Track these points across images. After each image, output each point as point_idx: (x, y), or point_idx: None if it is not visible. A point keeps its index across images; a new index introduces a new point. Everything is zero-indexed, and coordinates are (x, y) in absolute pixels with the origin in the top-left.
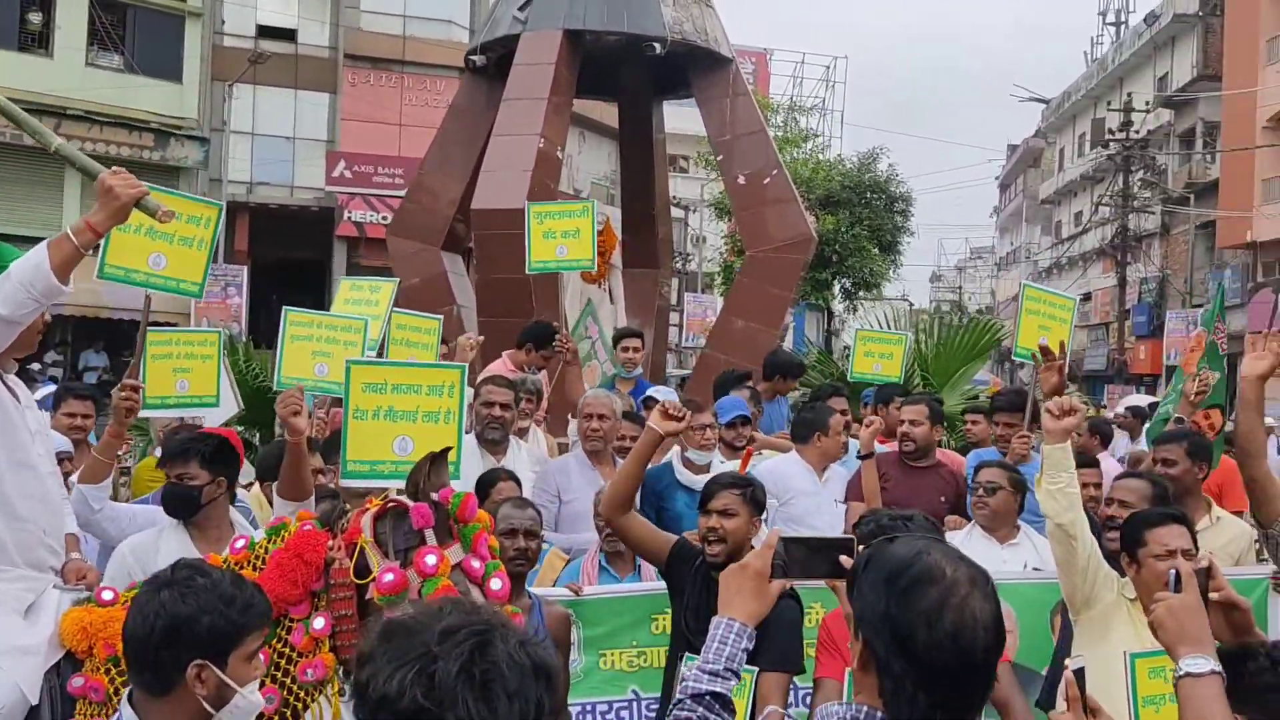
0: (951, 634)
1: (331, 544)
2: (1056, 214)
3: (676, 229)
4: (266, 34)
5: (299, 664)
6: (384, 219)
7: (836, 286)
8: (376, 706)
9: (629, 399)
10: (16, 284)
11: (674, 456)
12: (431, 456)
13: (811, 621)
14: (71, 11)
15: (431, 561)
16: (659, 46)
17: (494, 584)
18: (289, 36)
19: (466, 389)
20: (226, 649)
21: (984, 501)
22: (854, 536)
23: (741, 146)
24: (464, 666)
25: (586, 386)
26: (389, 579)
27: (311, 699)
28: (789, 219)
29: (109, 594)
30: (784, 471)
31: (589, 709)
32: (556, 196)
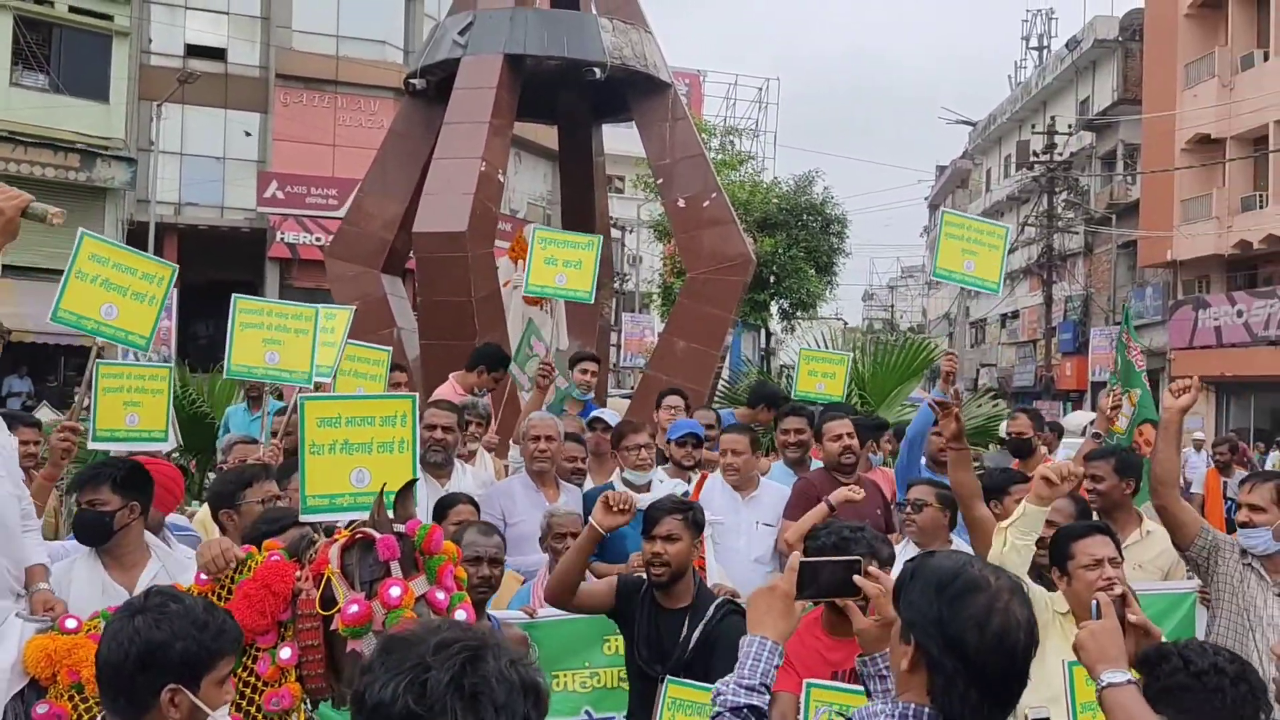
0: (998, 635)
1: (299, 574)
2: None
3: (613, 249)
4: (195, 53)
5: (265, 693)
6: (317, 240)
7: (774, 307)
8: (371, 713)
9: (579, 420)
10: None
11: (615, 477)
12: (399, 489)
13: None
14: None
15: (395, 593)
16: (599, 71)
17: (459, 615)
18: (219, 56)
19: None
20: (199, 674)
21: (911, 519)
22: (860, 558)
23: (681, 170)
24: (454, 678)
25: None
26: (353, 610)
27: None
28: (728, 241)
29: (72, 622)
30: (705, 491)
31: None
32: (497, 220)
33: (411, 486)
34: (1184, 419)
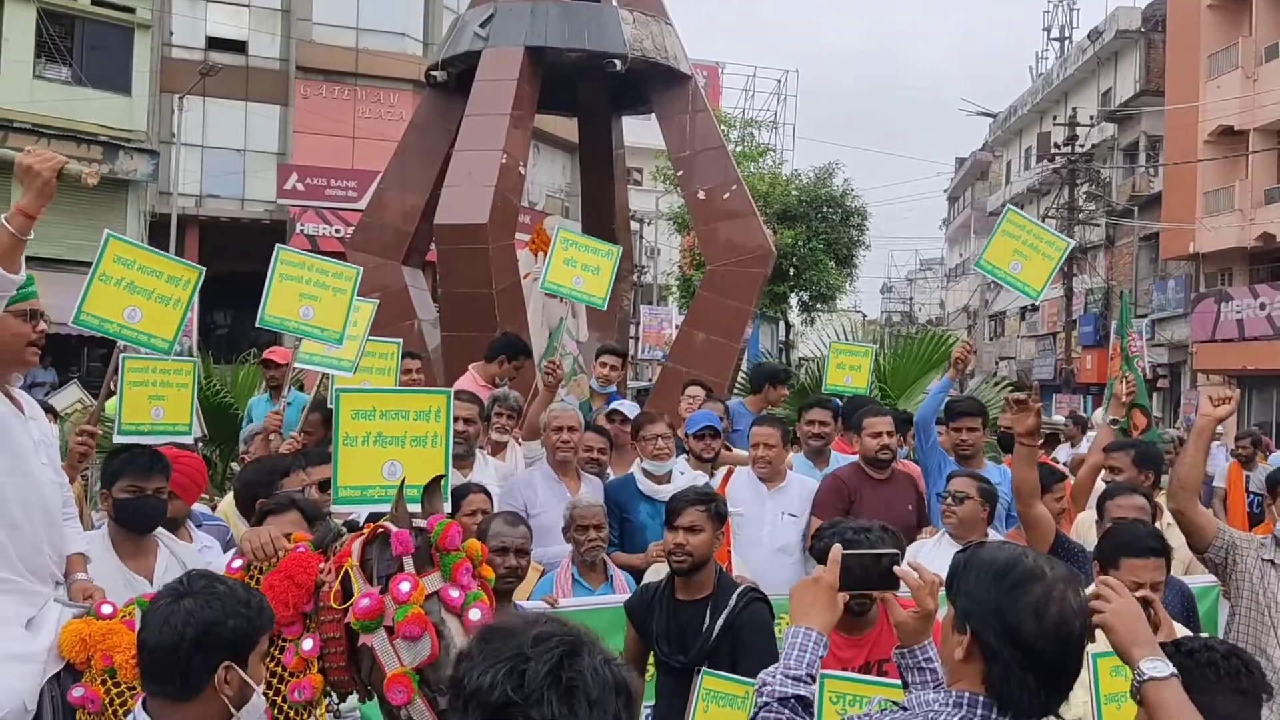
0: (1056, 623)
1: (323, 567)
2: None
3: (632, 241)
4: (216, 46)
5: (289, 684)
6: (337, 232)
7: (794, 299)
8: (469, 699)
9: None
10: None
11: (635, 468)
12: (427, 484)
13: (779, 630)
14: (18, 23)
15: (405, 588)
16: (619, 63)
17: (473, 614)
18: (239, 48)
19: None
20: (246, 650)
21: (952, 510)
22: (898, 551)
23: (701, 162)
24: (552, 669)
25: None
26: (364, 604)
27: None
28: (748, 233)
29: (108, 608)
30: (731, 483)
31: None
32: (518, 212)
33: (439, 482)
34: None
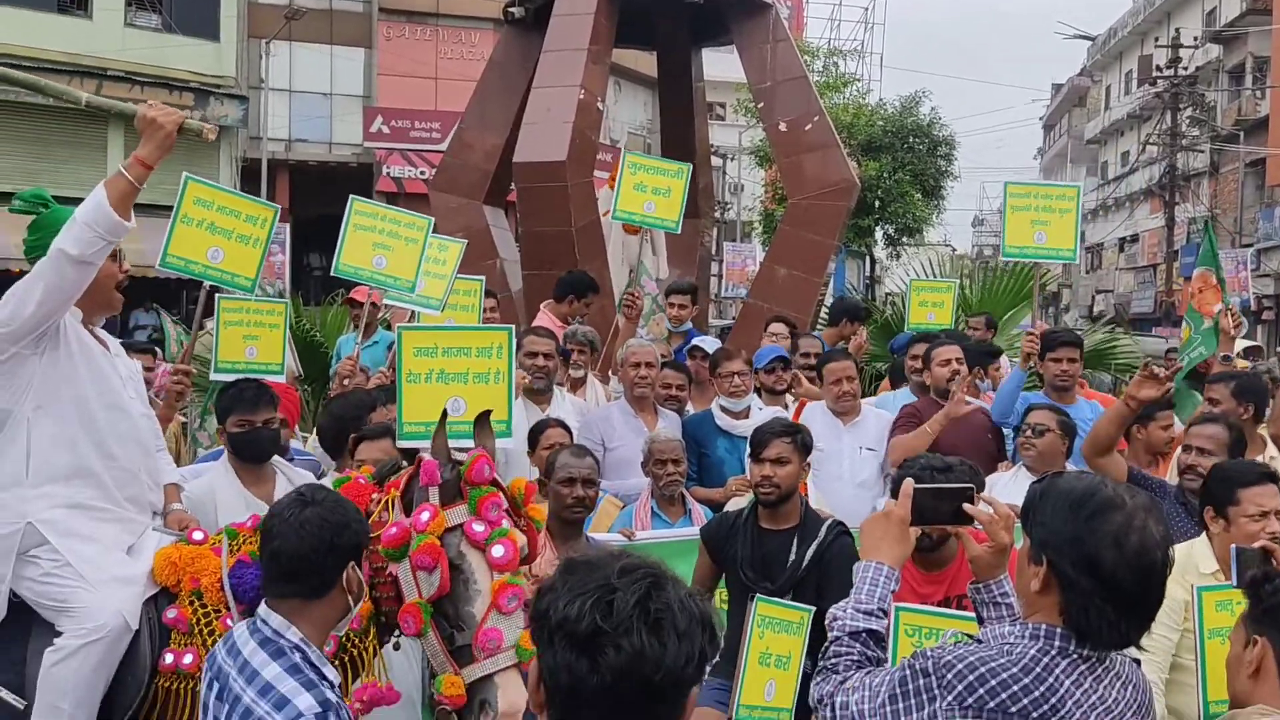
0: (1136, 553)
1: (375, 498)
2: (1103, 154)
3: (714, 177)
4: None
5: None
6: (422, 174)
7: (879, 233)
8: (556, 628)
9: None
10: (82, 224)
11: (714, 405)
12: (476, 418)
13: None
14: None
15: (424, 518)
16: None
17: (495, 551)
18: None
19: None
20: (361, 553)
21: (1031, 443)
22: (973, 486)
23: (782, 93)
24: (640, 600)
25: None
26: (392, 532)
27: (356, 648)
28: (831, 165)
29: (199, 535)
30: (805, 419)
31: None
32: (597, 149)
33: (487, 417)
34: None
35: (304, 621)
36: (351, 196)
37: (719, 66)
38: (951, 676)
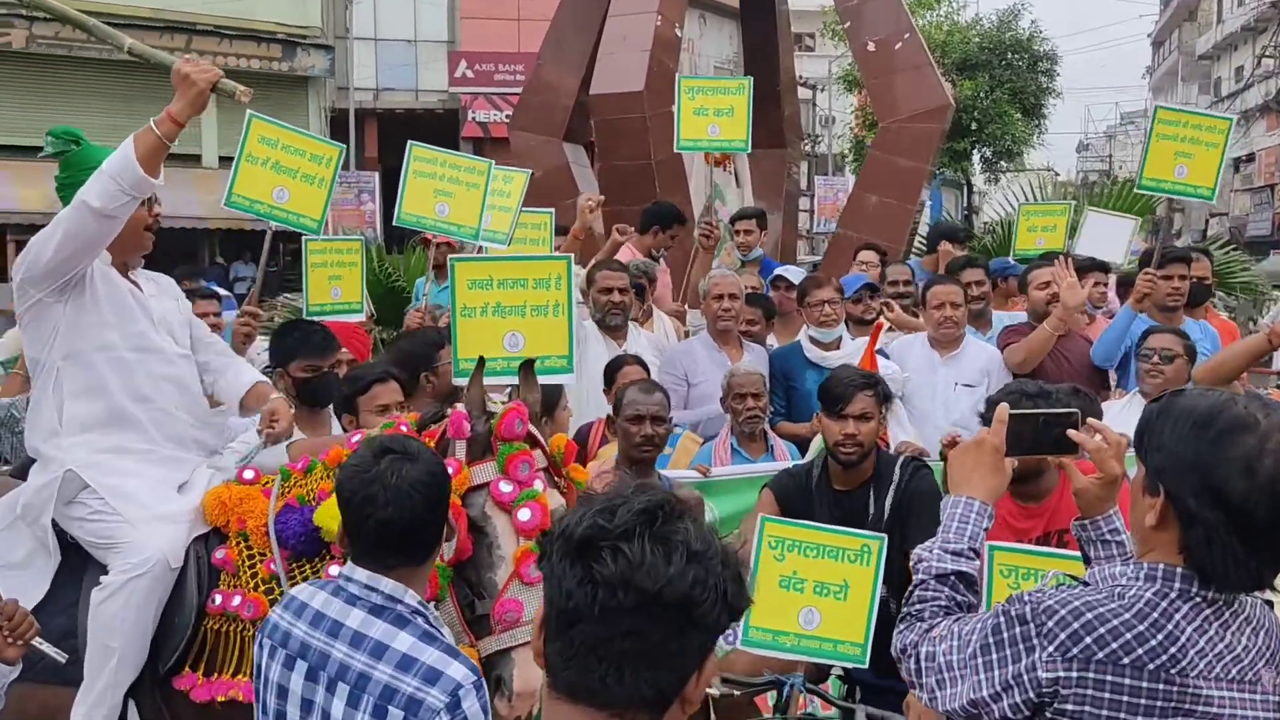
0: (1271, 479)
1: None
2: (1215, 70)
3: (804, 110)
4: None
5: None
6: (507, 117)
7: (976, 157)
8: (559, 538)
9: (759, 280)
10: (107, 177)
11: (802, 335)
12: (520, 366)
13: None
14: None
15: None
16: None
17: (522, 514)
18: None
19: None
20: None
21: (1160, 370)
22: (1078, 411)
23: (870, 11)
24: (647, 510)
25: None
26: None
27: None
28: (923, 86)
29: (250, 474)
30: (901, 351)
31: None
32: (676, 77)
33: (530, 367)
34: None
35: (415, 583)
36: (410, 143)
37: None
38: (1053, 624)
